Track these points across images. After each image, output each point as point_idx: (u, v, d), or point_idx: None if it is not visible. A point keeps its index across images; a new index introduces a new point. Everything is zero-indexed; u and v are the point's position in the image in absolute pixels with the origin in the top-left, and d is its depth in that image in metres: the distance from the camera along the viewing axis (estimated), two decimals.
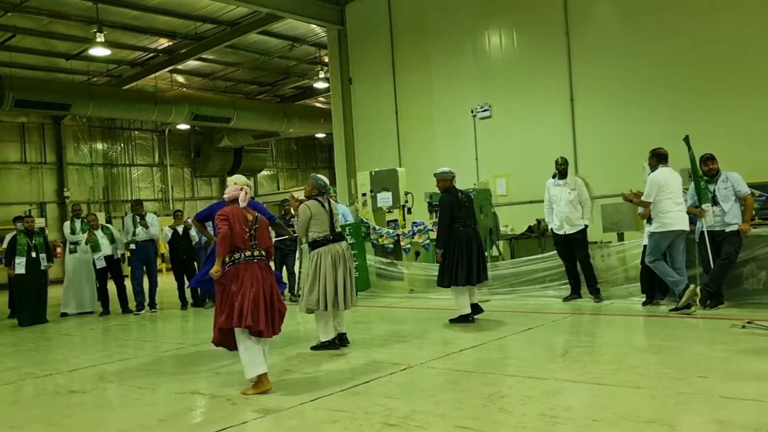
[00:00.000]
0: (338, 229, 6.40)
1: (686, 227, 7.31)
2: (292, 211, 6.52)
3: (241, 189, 5.19)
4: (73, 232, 10.89)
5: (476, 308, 7.67)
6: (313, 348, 6.40)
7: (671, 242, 7.30)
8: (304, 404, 4.53)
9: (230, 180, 5.42)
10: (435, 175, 7.78)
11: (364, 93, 14.66)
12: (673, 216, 7.21)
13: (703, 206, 7.39)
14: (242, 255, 4.94)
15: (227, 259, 4.93)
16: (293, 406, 4.50)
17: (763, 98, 9.55)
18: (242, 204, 5.17)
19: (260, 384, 4.85)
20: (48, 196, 21.15)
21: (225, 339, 5.07)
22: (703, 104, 10.02)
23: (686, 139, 7.38)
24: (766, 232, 7.42)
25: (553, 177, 8.77)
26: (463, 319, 7.52)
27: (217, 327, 4.96)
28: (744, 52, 9.73)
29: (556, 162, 8.70)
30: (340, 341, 6.43)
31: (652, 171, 7.45)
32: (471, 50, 12.85)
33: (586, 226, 8.63)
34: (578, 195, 8.58)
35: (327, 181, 6.50)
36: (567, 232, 8.56)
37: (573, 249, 8.62)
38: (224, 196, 5.32)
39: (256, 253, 5.00)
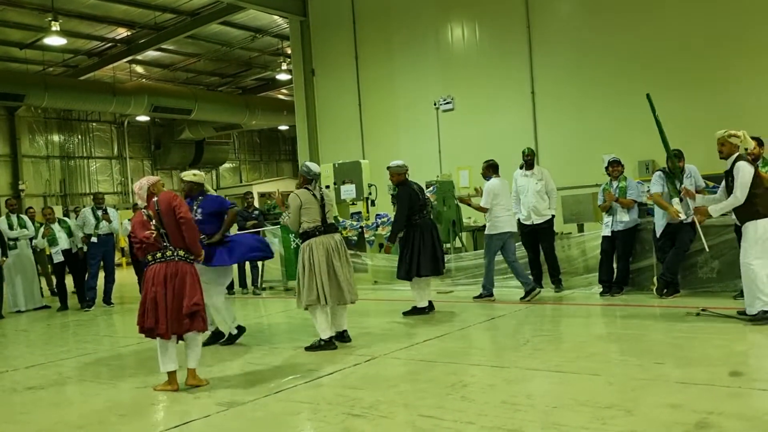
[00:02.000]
0: (331, 220, 6.12)
1: (514, 229, 8.35)
2: (282, 207, 6.28)
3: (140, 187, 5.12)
4: (10, 227, 10.58)
5: (430, 304, 7.69)
6: (308, 348, 5.95)
7: (504, 242, 8.21)
8: (267, 396, 4.52)
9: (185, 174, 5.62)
10: (389, 168, 7.69)
11: (327, 85, 14.61)
12: (503, 220, 8.18)
13: (673, 200, 7.44)
14: (153, 256, 4.89)
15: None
16: (257, 398, 4.49)
17: (720, 91, 9.80)
18: (140, 203, 5.08)
19: (168, 382, 4.88)
20: (2, 190, 20.60)
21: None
22: (661, 97, 10.15)
23: (648, 97, 7.44)
24: (720, 222, 7.61)
25: (521, 168, 8.85)
26: (418, 312, 7.53)
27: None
28: (701, 46, 9.97)
29: (523, 153, 8.78)
30: (340, 338, 6.13)
31: (486, 180, 8.37)
32: (434, 43, 12.90)
33: (553, 216, 8.73)
34: (545, 185, 8.67)
35: (315, 168, 6.26)
36: (534, 222, 8.64)
37: (539, 239, 8.71)
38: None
39: (168, 253, 4.86)
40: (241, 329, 6.58)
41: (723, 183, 6.27)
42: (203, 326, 4.94)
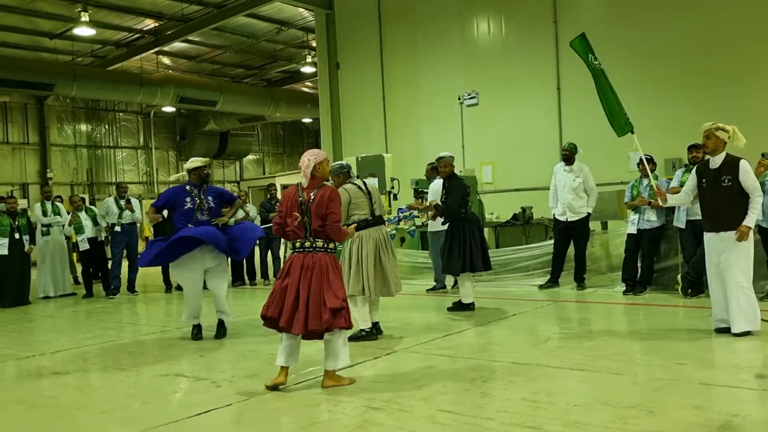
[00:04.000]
0: (378, 212, 6.08)
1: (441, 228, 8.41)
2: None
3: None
4: (44, 214, 10.77)
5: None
6: (350, 339, 5.61)
7: (439, 239, 8.49)
8: (288, 387, 4.54)
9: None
10: (442, 159, 7.45)
11: (351, 78, 14.61)
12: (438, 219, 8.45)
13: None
14: (293, 245, 4.63)
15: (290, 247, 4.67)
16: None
17: (747, 88, 9.63)
18: (304, 182, 4.63)
19: (278, 375, 4.54)
20: (30, 177, 20.93)
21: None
22: (688, 95, 10.11)
23: (576, 44, 7.20)
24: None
25: (561, 162, 8.76)
26: (464, 307, 7.35)
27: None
28: (730, 46, 9.80)
29: (563, 147, 8.70)
30: (377, 330, 6.15)
31: (430, 181, 8.71)
32: (459, 37, 12.83)
33: (589, 214, 8.62)
34: (583, 183, 8.53)
35: (343, 162, 6.38)
36: (569, 219, 8.55)
37: (572, 236, 8.61)
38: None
39: (306, 244, 4.54)
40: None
41: (690, 181, 5.83)
42: (346, 323, 4.49)
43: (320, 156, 4.68)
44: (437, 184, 8.22)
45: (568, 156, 8.63)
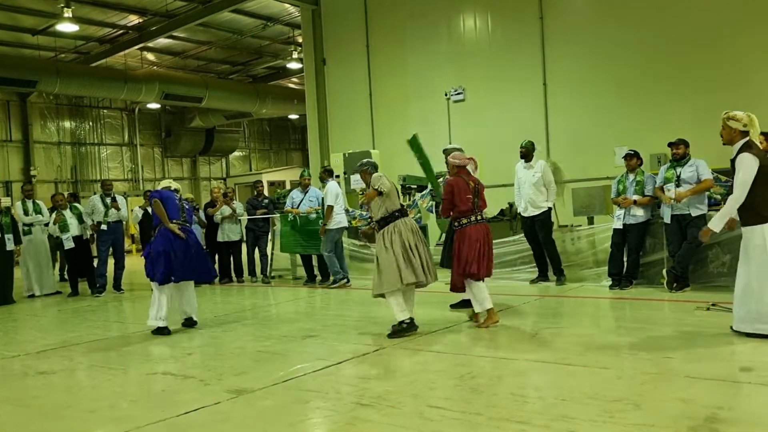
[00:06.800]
0: (401, 204, 6.23)
1: (346, 225, 9.95)
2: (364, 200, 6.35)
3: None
4: (25, 213, 10.66)
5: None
6: (390, 336, 5.86)
7: (340, 235, 9.75)
8: (276, 385, 4.54)
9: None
10: (448, 151, 7.10)
11: (338, 74, 14.57)
12: (341, 218, 9.69)
13: (666, 186, 7.63)
14: (468, 219, 6.22)
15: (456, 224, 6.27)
16: (265, 386, 4.52)
17: (732, 85, 9.69)
18: (471, 169, 6.53)
19: (489, 317, 6.13)
20: (14, 175, 20.73)
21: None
22: (673, 89, 10.15)
23: (413, 140, 7.67)
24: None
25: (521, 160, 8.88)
26: (467, 305, 6.88)
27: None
28: (715, 40, 9.86)
29: (520, 145, 8.82)
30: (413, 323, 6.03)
31: (324, 183, 9.74)
32: (446, 33, 12.83)
33: (550, 208, 8.73)
34: (542, 178, 8.67)
35: (367, 160, 6.45)
36: (531, 214, 8.69)
37: (536, 230, 8.73)
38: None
39: (479, 217, 6.28)
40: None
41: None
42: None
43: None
44: (333, 184, 9.39)
45: (526, 153, 8.80)
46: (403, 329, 5.89)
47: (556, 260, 8.68)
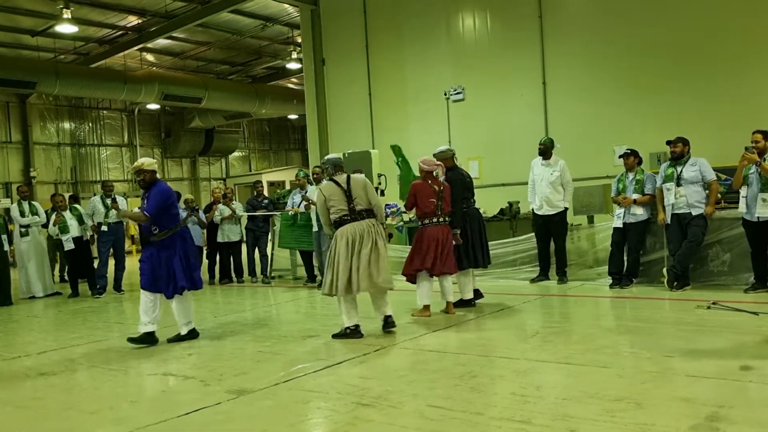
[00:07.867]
0: (360, 207, 5.95)
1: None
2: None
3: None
4: (22, 214, 10.63)
5: (478, 293, 7.40)
6: (335, 336, 5.98)
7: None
8: (277, 385, 4.54)
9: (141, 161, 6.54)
10: (435, 155, 7.17)
11: (337, 74, 14.56)
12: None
13: (665, 185, 7.63)
14: (430, 220, 6.73)
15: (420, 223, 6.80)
16: (266, 386, 4.51)
17: (731, 84, 9.70)
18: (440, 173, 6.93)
19: (423, 311, 6.74)
20: (13, 176, 20.71)
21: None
22: (673, 88, 10.15)
23: (394, 149, 7.76)
24: (730, 215, 7.58)
25: (539, 156, 8.82)
26: (465, 304, 7.20)
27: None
28: (713, 38, 9.86)
29: (539, 141, 8.75)
30: (385, 324, 6.06)
31: (317, 184, 9.21)
32: (445, 32, 12.82)
33: (566, 208, 8.69)
34: (560, 177, 8.60)
35: (333, 156, 6.30)
36: (546, 213, 8.61)
37: (550, 230, 8.68)
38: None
39: (441, 219, 6.76)
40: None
41: None
42: (455, 269, 6.89)
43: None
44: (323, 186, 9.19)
45: (545, 150, 8.72)
46: (347, 335, 5.93)
47: (564, 261, 8.64)
